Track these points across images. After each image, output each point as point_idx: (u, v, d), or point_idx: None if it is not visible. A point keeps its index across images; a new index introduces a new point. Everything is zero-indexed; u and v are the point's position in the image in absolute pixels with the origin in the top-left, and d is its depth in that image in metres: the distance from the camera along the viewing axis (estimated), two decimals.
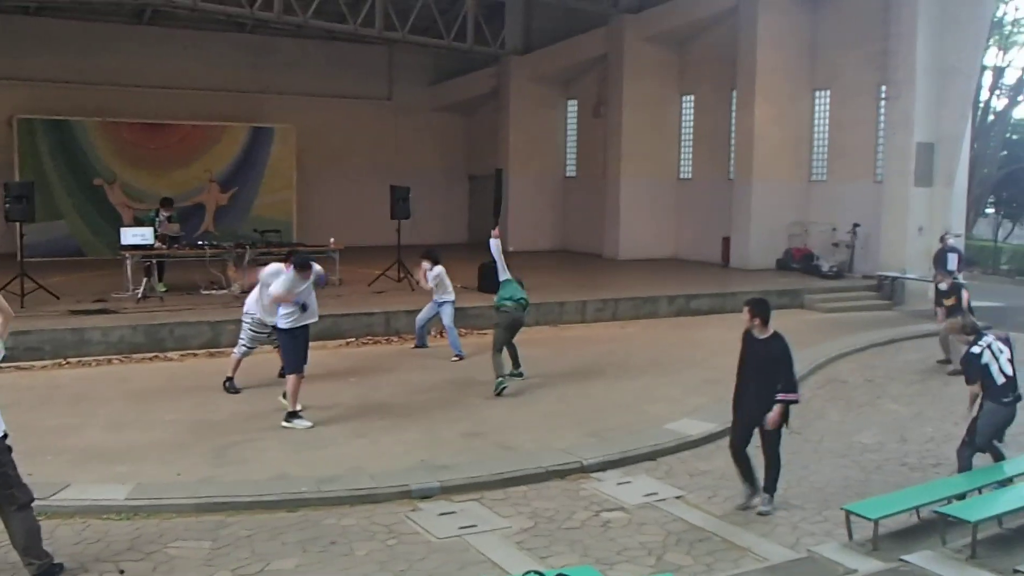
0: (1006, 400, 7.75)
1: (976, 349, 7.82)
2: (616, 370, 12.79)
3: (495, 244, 11.90)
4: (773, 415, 7.28)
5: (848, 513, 6.70)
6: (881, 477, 8.61)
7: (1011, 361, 7.88)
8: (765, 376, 7.38)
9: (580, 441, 9.32)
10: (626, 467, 8.73)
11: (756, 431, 7.54)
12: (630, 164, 24.42)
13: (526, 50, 27.00)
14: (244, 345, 11.08)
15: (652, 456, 9.02)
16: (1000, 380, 7.74)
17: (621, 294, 17.46)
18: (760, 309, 7.50)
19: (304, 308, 9.70)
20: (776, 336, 7.47)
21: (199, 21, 24.27)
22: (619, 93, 24.49)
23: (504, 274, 11.71)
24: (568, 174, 28.22)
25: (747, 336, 7.62)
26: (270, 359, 11.38)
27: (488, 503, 7.71)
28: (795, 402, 7.53)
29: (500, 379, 11.14)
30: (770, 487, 7.57)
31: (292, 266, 9.66)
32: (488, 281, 15.28)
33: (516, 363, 11.68)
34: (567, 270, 22.12)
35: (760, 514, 7.44)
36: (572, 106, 28.02)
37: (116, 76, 24.27)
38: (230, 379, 10.99)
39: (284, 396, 9.79)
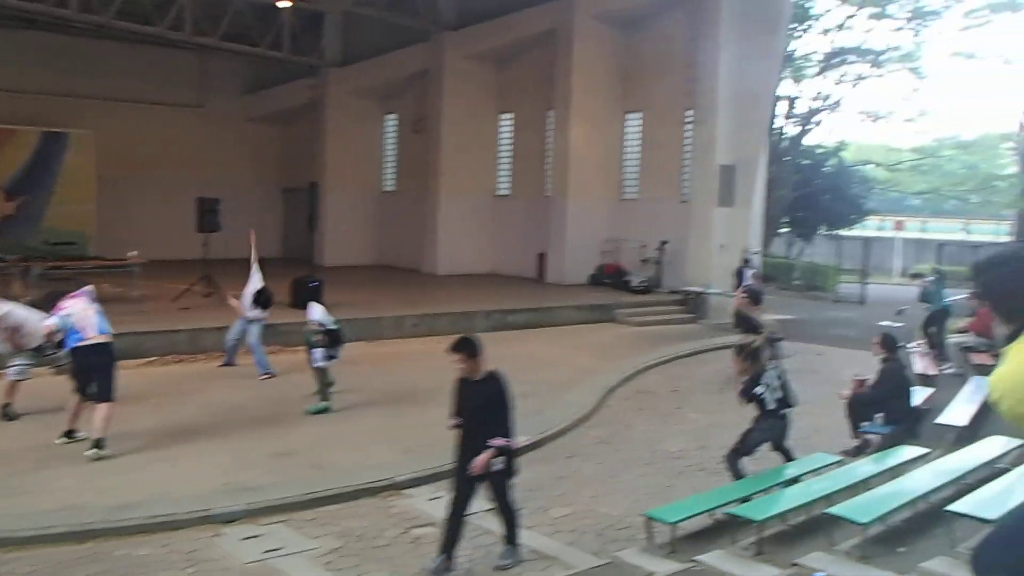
0: (780, 414, 8.28)
1: (759, 389, 8.22)
2: (432, 386, 12.62)
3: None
4: (480, 460, 6.34)
5: (648, 518, 6.93)
6: (682, 482, 8.97)
7: (781, 381, 8.41)
8: (486, 422, 6.45)
9: (393, 458, 9.23)
10: (438, 482, 8.64)
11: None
12: (449, 180, 24.60)
13: (345, 62, 26.75)
14: (21, 365, 10.10)
15: None
16: (771, 406, 8.22)
17: (439, 309, 17.50)
18: (470, 349, 6.45)
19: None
20: (493, 376, 6.53)
21: None
22: (439, 109, 24.65)
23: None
24: (387, 189, 28.12)
25: (461, 382, 6.60)
26: (55, 381, 10.56)
27: (296, 524, 7.50)
28: (509, 448, 6.52)
29: (327, 404, 10.94)
30: (511, 537, 6.75)
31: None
32: (302, 297, 15.00)
33: (327, 379, 11.49)
34: (385, 285, 21.98)
35: (499, 568, 6.68)
36: (392, 120, 27.96)
37: None
38: (6, 404, 10.12)
39: (68, 434, 9.22)
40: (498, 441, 6.38)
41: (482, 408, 6.47)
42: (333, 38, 26.60)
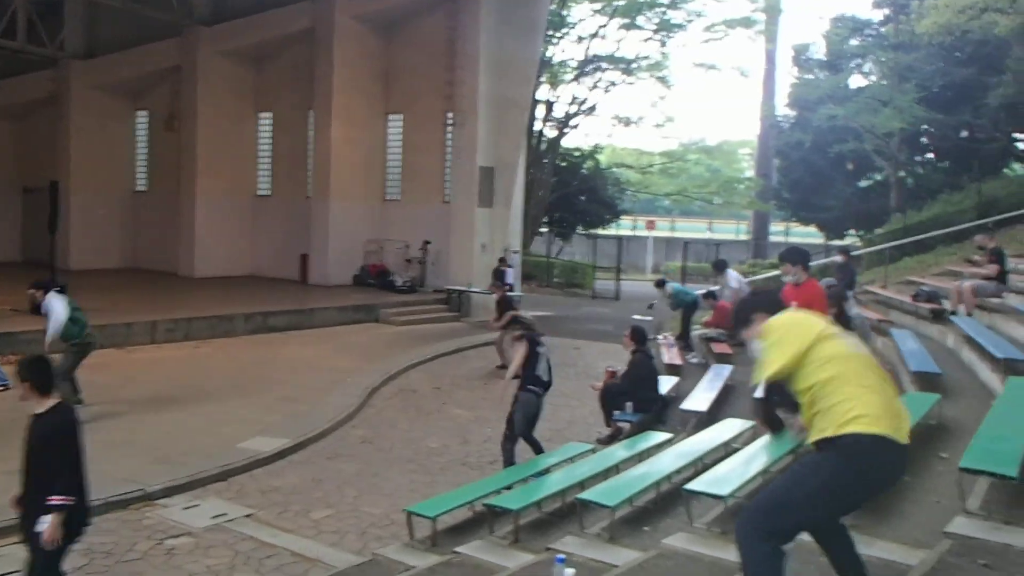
0: (537, 391, 8.81)
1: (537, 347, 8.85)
2: (189, 392, 12.24)
3: None
4: (48, 530, 4.79)
5: (409, 514, 7.00)
6: (445, 477, 9.14)
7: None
8: (41, 467, 4.90)
9: (146, 468, 8.78)
10: (195, 490, 8.40)
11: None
12: (205, 180, 23.67)
13: (89, 55, 25.10)
14: None
15: (223, 477, 8.78)
16: (540, 373, 8.83)
17: (195, 313, 16.77)
18: (33, 372, 4.97)
19: None
20: (58, 410, 4.97)
21: None
22: (193, 107, 23.67)
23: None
24: (139, 188, 26.65)
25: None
26: None
27: None
28: (71, 507, 4.86)
29: None
30: None
31: None
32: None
33: (75, 389, 10.76)
34: (137, 289, 20.82)
35: None
36: (142, 117, 26.51)
37: None
38: None
39: None
40: (61, 500, 4.81)
41: (37, 450, 4.93)
42: (75, 28, 24.86)
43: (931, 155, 33.51)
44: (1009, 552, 4.52)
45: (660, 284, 16.27)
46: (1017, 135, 29.09)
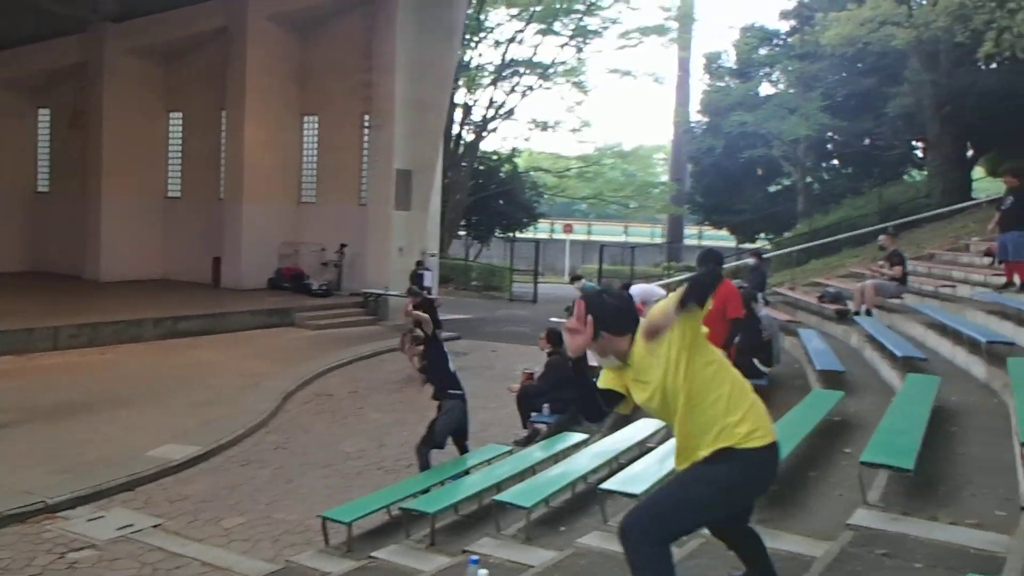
0: (458, 393, 8.81)
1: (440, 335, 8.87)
2: (94, 400, 11.86)
3: None
4: None
5: (324, 520, 6.92)
6: (361, 482, 9.05)
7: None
8: None
9: (48, 479, 8.48)
10: (99, 501, 8.15)
11: None
12: (113, 180, 23.01)
13: None
14: None
15: (130, 486, 8.54)
16: (454, 368, 8.85)
17: (101, 318, 16.24)
18: None
19: None
20: None
21: None
22: (99, 105, 23.00)
23: None
24: (41, 189, 25.77)
25: None
26: None
27: None
28: None
29: None
30: None
31: None
32: None
33: None
34: (39, 293, 20.08)
35: None
36: (44, 115, 25.65)
37: None
38: None
39: None
40: None
41: None
42: None
43: (836, 161, 34.62)
44: (906, 541, 4.68)
45: (576, 279, 16.55)
46: (915, 143, 30.23)
